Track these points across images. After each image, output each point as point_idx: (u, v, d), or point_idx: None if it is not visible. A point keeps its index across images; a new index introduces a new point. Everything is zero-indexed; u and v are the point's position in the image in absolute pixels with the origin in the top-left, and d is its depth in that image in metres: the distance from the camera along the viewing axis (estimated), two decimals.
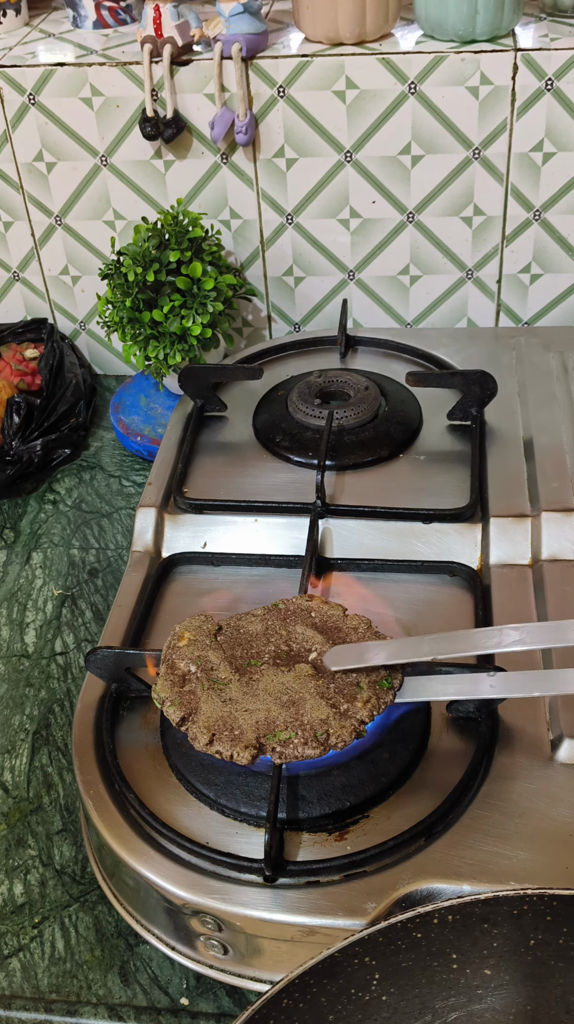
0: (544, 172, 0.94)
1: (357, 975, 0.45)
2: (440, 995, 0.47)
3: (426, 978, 0.46)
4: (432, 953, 0.46)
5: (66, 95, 0.95)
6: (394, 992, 0.46)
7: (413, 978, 0.46)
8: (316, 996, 0.44)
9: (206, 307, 0.91)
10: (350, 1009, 0.45)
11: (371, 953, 0.45)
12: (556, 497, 0.76)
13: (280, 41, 0.95)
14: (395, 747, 0.60)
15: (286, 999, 0.44)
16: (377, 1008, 0.46)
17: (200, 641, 0.61)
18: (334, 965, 0.45)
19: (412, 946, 0.46)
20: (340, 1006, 0.45)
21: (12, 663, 0.80)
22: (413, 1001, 0.46)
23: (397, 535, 0.76)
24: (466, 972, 0.47)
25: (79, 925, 0.62)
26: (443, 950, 0.46)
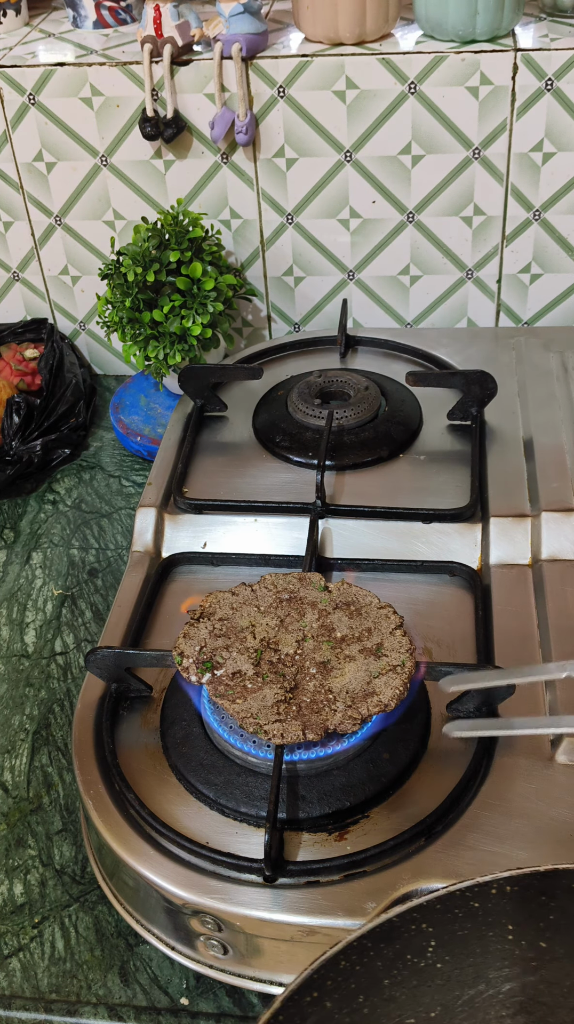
0: (544, 172, 0.94)
1: (414, 941, 0.45)
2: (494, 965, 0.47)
3: (481, 947, 0.46)
4: (488, 923, 0.46)
5: (66, 95, 0.95)
6: (449, 960, 0.46)
7: (468, 947, 0.46)
8: (373, 960, 0.45)
9: (206, 307, 0.91)
10: (405, 975, 0.46)
11: (429, 920, 0.45)
12: (556, 497, 0.76)
13: (280, 41, 0.95)
14: (395, 747, 0.60)
15: (344, 961, 0.44)
16: (432, 975, 0.46)
17: None
18: (392, 930, 0.45)
19: (469, 915, 0.46)
20: (396, 971, 0.45)
21: (12, 663, 0.80)
22: (467, 970, 0.47)
23: (397, 535, 0.76)
24: (521, 944, 0.47)
25: (79, 925, 0.62)
26: (499, 920, 0.46)
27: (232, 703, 0.58)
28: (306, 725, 0.57)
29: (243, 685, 0.59)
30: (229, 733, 0.60)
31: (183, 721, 0.63)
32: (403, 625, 0.62)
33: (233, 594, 0.65)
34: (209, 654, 0.61)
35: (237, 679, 0.59)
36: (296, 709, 0.58)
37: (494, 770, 0.60)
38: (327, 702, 0.58)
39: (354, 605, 0.64)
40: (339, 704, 0.58)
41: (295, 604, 0.64)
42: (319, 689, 0.59)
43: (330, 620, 0.63)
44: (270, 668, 0.60)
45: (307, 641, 0.62)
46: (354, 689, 0.58)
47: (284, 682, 0.59)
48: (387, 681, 0.58)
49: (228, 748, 0.61)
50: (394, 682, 0.58)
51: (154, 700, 0.66)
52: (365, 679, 0.59)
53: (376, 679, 0.59)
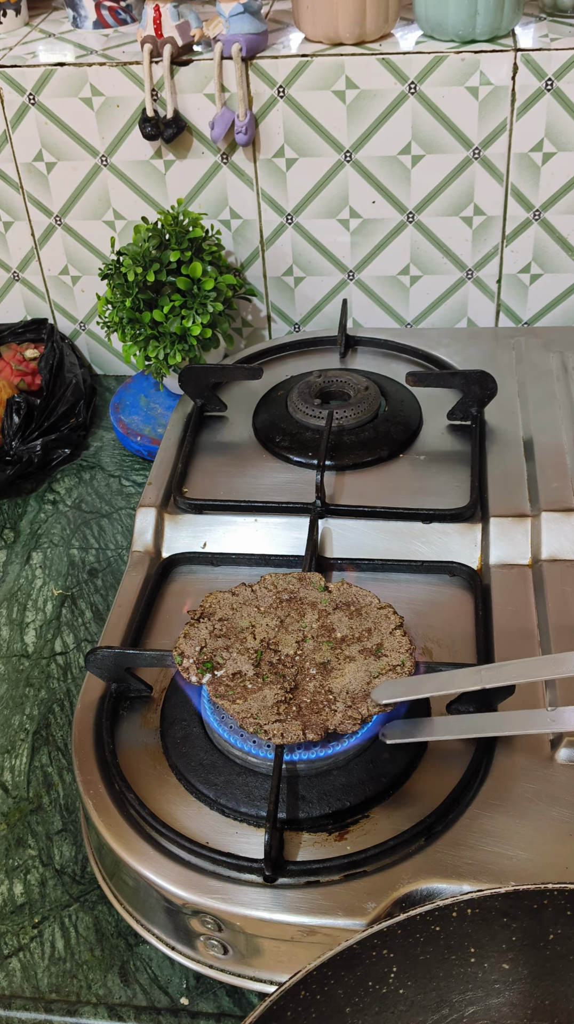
0: (544, 172, 0.94)
1: (375, 967, 0.45)
2: (458, 989, 0.47)
3: (444, 971, 0.46)
4: (450, 947, 0.46)
5: (66, 95, 0.95)
6: (411, 985, 0.46)
7: (431, 971, 0.46)
8: (334, 988, 0.44)
9: (206, 307, 0.91)
10: (367, 1001, 0.45)
11: (390, 946, 0.45)
12: (556, 497, 0.76)
13: (280, 41, 0.95)
14: (395, 747, 0.60)
15: (304, 990, 0.44)
16: (394, 1001, 0.46)
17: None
18: (352, 957, 0.44)
19: (430, 939, 0.45)
20: (358, 998, 0.45)
21: (12, 663, 0.80)
22: (430, 995, 0.46)
23: (397, 535, 0.76)
24: (484, 966, 0.46)
25: (79, 925, 0.62)
26: (461, 944, 0.46)
27: (232, 703, 0.58)
28: (306, 725, 0.57)
29: (243, 686, 0.59)
30: (229, 733, 0.60)
31: (183, 721, 0.63)
32: (403, 625, 0.62)
33: (233, 594, 0.65)
34: (209, 654, 0.61)
35: (237, 679, 0.59)
36: (296, 709, 0.58)
37: (494, 770, 0.60)
38: (327, 702, 0.58)
39: (354, 605, 0.64)
40: (339, 704, 0.58)
41: (295, 604, 0.64)
42: (319, 689, 0.59)
43: (330, 620, 0.63)
44: (270, 669, 0.60)
45: (307, 641, 0.62)
46: (354, 689, 0.58)
47: (284, 682, 0.59)
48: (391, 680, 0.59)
49: (228, 748, 0.61)
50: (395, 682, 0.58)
51: (154, 700, 0.66)
52: (365, 679, 0.59)
53: (376, 679, 0.59)
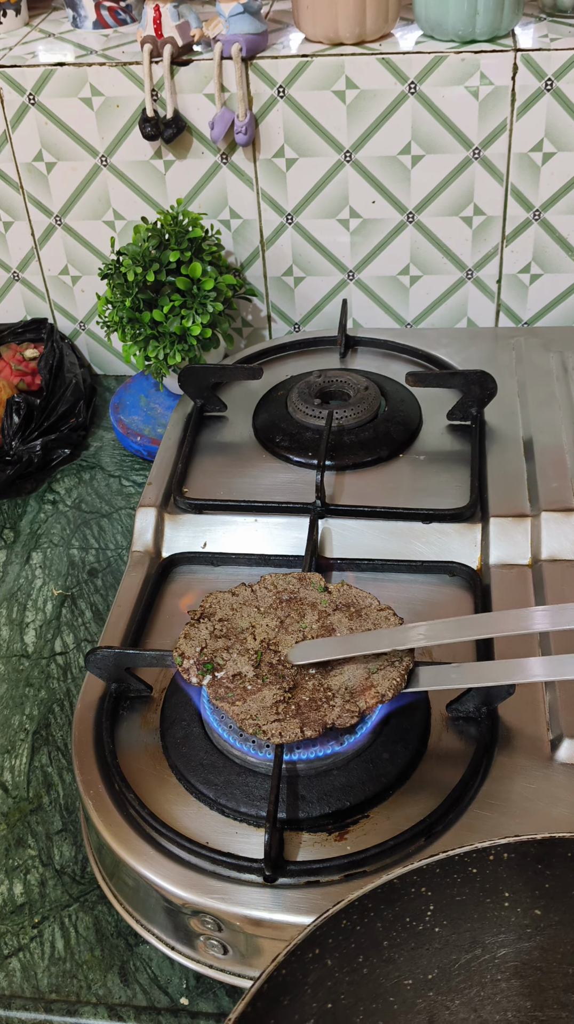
0: (544, 172, 0.94)
1: (413, 904, 0.46)
2: (490, 931, 0.47)
3: (478, 913, 0.47)
4: (486, 889, 0.47)
5: (66, 95, 0.95)
6: (446, 924, 0.47)
7: (466, 912, 0.47)
8: (373, 920, 0.45)
9: (206, 307, 0.91)
10: (404, 936, 0.46)
11: (428, 884, 0.46)
12: (556, 497, 0.76)
13: (280, 41, 0.95)
14: (395, 747, 0.60)
15: (345, 919, 0.44)
16: (429, 938, 0.47)
17: None
18: (392, 891, 0.45)
19: (467, 880, 0.46)
20: (395, 933, 0.46)
21: (12, 663, 0.80)
22: (464, 935, 0.47)
23: (397, 535, 0.76)
24: (517, 911, 0.47)
25: (79, 925, 0.62)
26: (496, 887, 0.47)
27: (232, 705, 0.58)
28: (304, 723, 0.57)
29: (243, 687, 0.59)
30: (229, 733, 0.60)
31: (183, 721, 0.63)
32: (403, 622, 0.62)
33: (233, 594, 0.65)
34: (210, 655, 0.61)
35: (237, 681, 0.59)
36: (295, 708, 0.58)
37: (494, 770, 0.60)
38: (326, 699, 0.58)
39: (354, 606, 0.64)
40: (338, 700, 0.58)
41: (295, 605, 0.64)
42: (318, 688, 0.59)
43: (330, 621, 0.63)
44: (270, 670, 0.60)
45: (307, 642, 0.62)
46: (353, 685, 0.58)
47: (283, 683, 0.59)
48: (385, 674, 0.59)
49: (228, 748, 0.61)
50: (391, 674, 0.58)
51: (154, 700, 0.66)
52: (363, 675, 0.59)
53: (374, 674, 0.59)
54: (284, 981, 0.43)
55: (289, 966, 0.43)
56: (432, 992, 0.47)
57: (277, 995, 0.42)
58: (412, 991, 0.47)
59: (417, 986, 0.47)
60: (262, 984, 0.42)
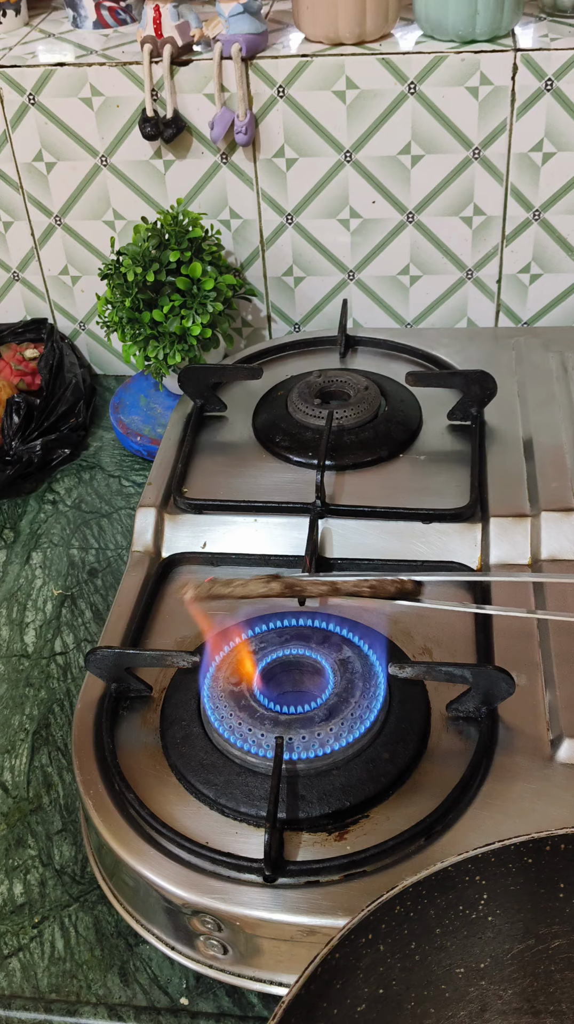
0: (544, 172, 0.94)
1: (467, 892, 0.46)
2: (544, 922, 0.47)
3: (532, 904, 0.47)
4: (541, 880, 0.46)
5: (66, 95, 0.95)
6: (500, 913, 0.47)
7: (520, 902, 0.47)
8: (426, 907, 0.45)
9: (206, 307, 0.91)
10: (457, 925, 0.46)
11: (483, 872, 0.46)
12: (556, 497, 0.76)
13: (280, 41, 0.95)
14: (395, 747, 0.60)
15: (398, 906, 0.44)
16: (482, 927, 0.47)
17: None
18: (446, 879, 0.45)
19: (522, 870, 0.46)
20: (448, 920, 0.46)
21: (12, 663, 0.80)
22: (518, 925, 0.47)
23: (397, 535, 0.76)
24: (571, 902, 0.47)
25: (79, 925, 0.62)
26: (551, 878, 0.46)
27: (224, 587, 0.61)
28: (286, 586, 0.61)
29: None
30: (229, 733, 0.60)
31: (183, 721, 0.63)
32: None
33: None
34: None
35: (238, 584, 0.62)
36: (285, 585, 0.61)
37: (494, 770, 0.60)
38: None
39: None
40: None
41: None
42: None
43: None
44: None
45: None
46: None
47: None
48: None
49: (228, 748, 0.61)
50: None
51: (154, 700, 0.66)
52: None
53: None
54: (337, 965, 0.43)
55: (342, 950, 0.43)
56: (484, 981, 0.47)
57: (330, 978, 0.42)
58: (464, 979, 0.47)
59: (469, 974, 0.47)
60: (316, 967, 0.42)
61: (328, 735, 0.59)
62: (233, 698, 0.62)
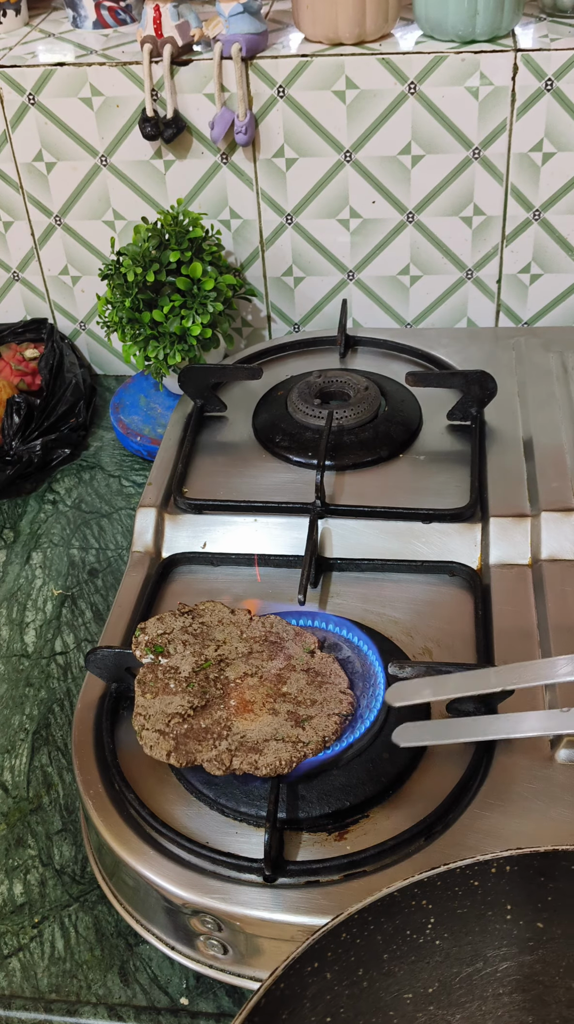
0: (544, 172, 0.94)
1: (414, 917, 0.46)
2: (492, 944, 0.47)
3: (480, 926, 0.47)
4: (487, 902, 0.46)
5: (66, 95, 0.95)
6: (447, 937, 0.47)
7: (467, 925, 0.47)
8: (373, 933, 0.45)
9: (206, 307, 0.91)
10: (404, 950, 0.46)
11: (429, 896, 0.46)
12: (556, 497, 0.76)
13: (280, 41, 0.95)
14: (395, 747, 0.60)
15: (345, 933, 0.44)
16: (430, 951, 0.47)
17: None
18: (392, 904, 0.45)
19: (469, 893, 0.46)
20: (395, 946, 0.46)
21: (12, 663, 0.80)
22: (466, 947, 0.47)
23: (397, 535, 0.76)
24: (519, 924, 0.47)
25: (79, 925, 0.62)
26: (498, 900, 0.46)
27: (142, 695, 0.58)
28: (176, 748, 0.57)
29: (167, 684, 0.58)
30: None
31: None
32: (348, 718, 0.60)
33: (231, 612, 0.65)
34: (165, 641, 0.60)
35: (168, 675, 0.59)
36: (185, 729, 0.57)
37: (494, 770, 0.60)
38: (216, 736, 0.57)
39: (322, 677, 0.62)
40: (223, 744, 0.57)
41: (274, 647, 0.63)
42: (219, 721, 0.58)
43: (289, 676, 0.62)
44: (202, 680, 0.59)
45: (253, 679, 0.61)
46: (249, 738, 0.57)
47: (199, 698, 0.58)
48: (279, 750, 0.57)
49: None
50: (283, 754, 0.57)
51: None
52: (266, 736, 0.58)
53: (275, 741, 0.57)
54: (283, 995, 0.42)
55: (287, 979, 0.42)
56: (433, 1006, 0.47)
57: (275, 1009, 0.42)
58: (412, 1005, 0.47)
59: (417, 1000, 0.47)
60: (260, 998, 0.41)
61: None
62: None
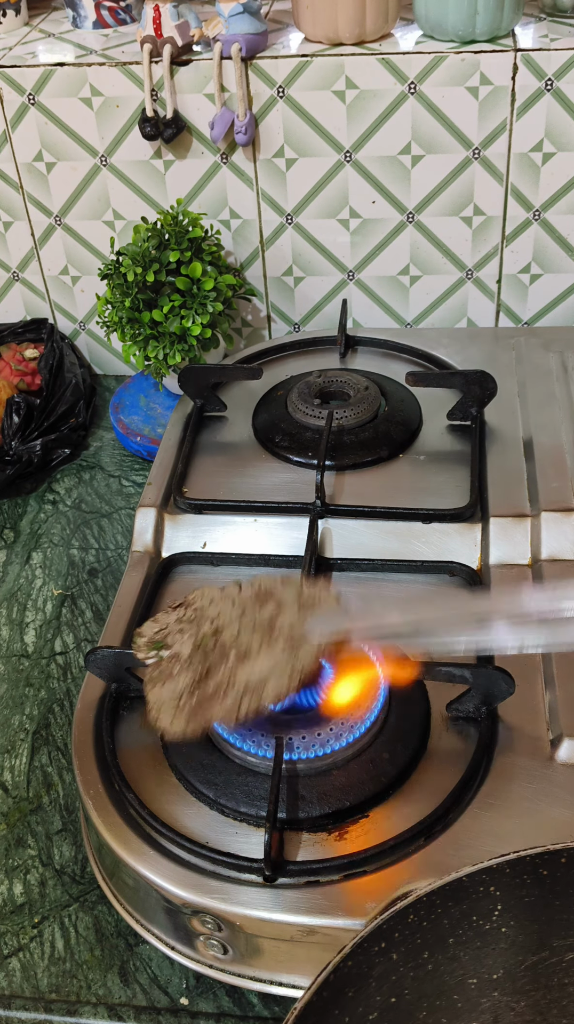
0: (544, 172, 0.94)
1: (481, 903, 0.46)
2: (558, 934, 0.47)
3: (546, 916, 0.47)
4: (555, 892, 0.46)
5: (66, 95, 0.96)
6: (514, 925, 0.46)
7: (534, 914, 0.46)
8: (440, 917, 0.45)
9: (206, 307, 0.91)
10: (470, 935, 0.46)
11: (497, 883, 0.46)
12: (556, 497, 0.76)
13: (280, 41, 0.95)
14: (395, 747, 0.60)
15: (412, 915, 0.44)
16: (496, 938, 0.47)
17: None
18: (461, 889, 0.45)
19: (537, 882, 0.46)
20: (461, 931, 0.46)
21: (12, 663, 0.80)
22: (531, 936, 0.47)
23: (397, 535, 0.76)
24: None
25: (79, 925, 0.62)
26: (566, 890, 0.46)
27: (151, 691, 0.56)
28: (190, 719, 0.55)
29: (171, 671, 0.57)
30: (229, 732, 0.60)
31: None
32: None
33: (221, 589, 0.64)
34: (163, 636, 0.59)
35: (172, 663, 0.57)
36: (196, 700, 0.55)
37: (494, 770, 0.60)
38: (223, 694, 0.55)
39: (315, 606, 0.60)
40: (231, 695, 0.55)
41: (264, 599, 0.62)
42: (225, 678, 0.56)
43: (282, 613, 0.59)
44: (203, 654, 0.57)
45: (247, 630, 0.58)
46: (253, 681, 0.55)
47: (202, 667, 0.56)
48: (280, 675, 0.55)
49: (228, 748, 0.61)
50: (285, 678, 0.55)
51: None
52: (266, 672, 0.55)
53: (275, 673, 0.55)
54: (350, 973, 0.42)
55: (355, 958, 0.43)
56: (497, 992, 0.47)
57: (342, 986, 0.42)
58: (477, 990, 0.47)
59: (482, 985, 0.47)
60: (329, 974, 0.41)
61: (328, 735, 0.59)
62: None
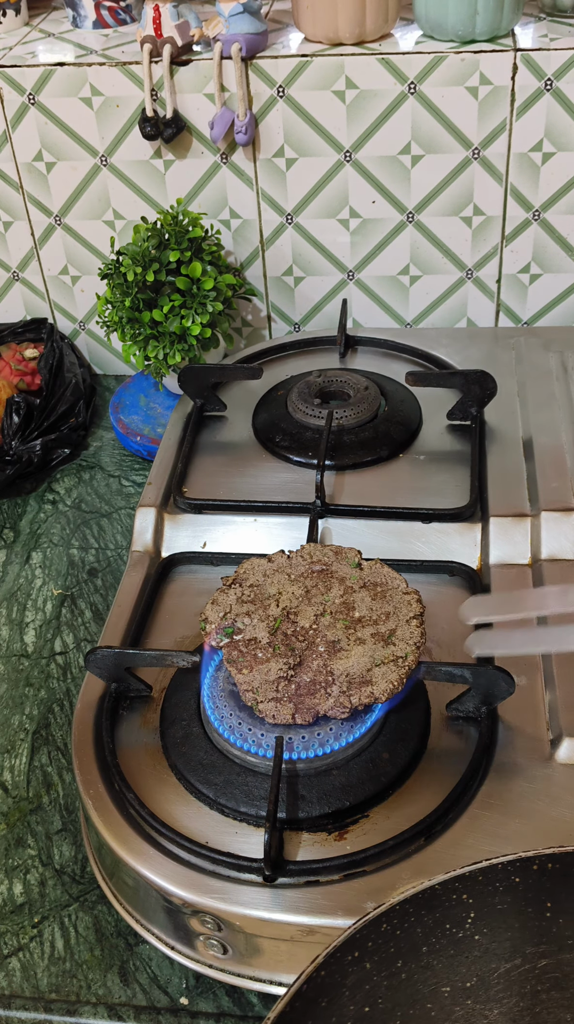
0: (543, 172, 0.94)
1: (454, 911, 0.46)
2: (531, 941, 0.47)
3: (519, 923, 0.47)
4: (528, 899, 0.46)
5: (66, 95, 0.95)
6: (487, 932, 0.47)
7: (506, 921, 0.47)
8: (413, 925, 0.45)
9: (206, 307, 0.91)
10: (443, 943, 0.46)
11: (470, 891, 0.46)
12: (555, 497, 0.76)
13: (280, 41, 0.95)
14: (395, 747, 0.60)
15: (385, 923, 0.44)
16: (469, 946, 0.47)
17: None
18: (433, 897, 0.45)
19: (509, 889, 0.46)
20: (434, 939, 0.46)
21: (12, 663, 0.80)
22: (504, 944, 0.47)
23: (397, 535, 0.76)
24: (558, 922, 0.47)
25: (79, 925, 0.62)
26: (538, 897, 0.46)
27: (239, 672, 0.59)
28: (298, 708, 0.58)
29: (254, 654, 0.60)
30: (229, 732, 0.60)
31: (183, 721, 0.63)
32: (422, 615, 0.62)
33: (269, 560, 0.66)
34: (231, 619, 0.61)
35: (251, 646, 0.60)
36: (294, 688, 0.58)
37: (494, 770, 0.60)
38: (325, 684, 0.58)
39: (381, 586, 0.64)
40: (335, 688, 0.58)
41: (324, 576, 0.65)
42: (321, 669, 0.59)
43: (353, 598, 0.63)
44: (283, 640, 0.60)
45: (325, 616, 0.62)
46: (354, 674, 0.59)
47: (291, 656, 0.59)
48: (385, 672, 0.59)
49: (228, 748, 0.61)
50: (391, 675, 0.59)
51: (154, 700, 0.66)
52: (366, 665, 0.59)
53: (377, 667, 0.59)
54: (323, 982, 0.42)
55: (328, 967, 0.43)
56: (470, 1000, 0.47)
57: (315, 996, 0.42)
58: (450, 998, 0.47)
59: (455, 994, 0.47)
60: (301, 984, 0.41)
61: (328, 735, 0.59)
62: (233, 698, 0.62)
